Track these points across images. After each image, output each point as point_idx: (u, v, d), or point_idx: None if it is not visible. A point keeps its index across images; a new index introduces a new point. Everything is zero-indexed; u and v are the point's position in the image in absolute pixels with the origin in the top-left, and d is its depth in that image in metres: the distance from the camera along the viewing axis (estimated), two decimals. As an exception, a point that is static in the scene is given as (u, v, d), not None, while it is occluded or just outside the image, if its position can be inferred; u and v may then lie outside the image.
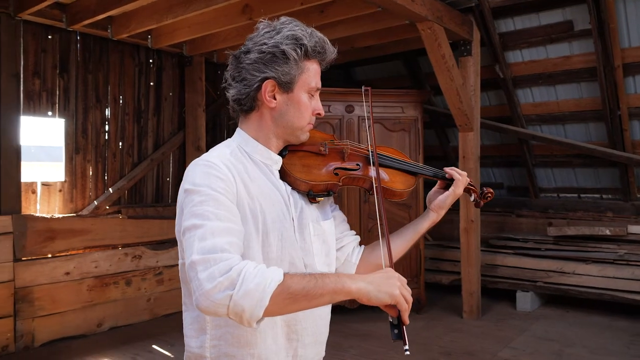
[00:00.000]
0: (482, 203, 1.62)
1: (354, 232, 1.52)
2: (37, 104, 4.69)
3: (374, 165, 1.38)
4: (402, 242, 1.49)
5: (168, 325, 4.72)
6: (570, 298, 5.15)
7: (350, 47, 5.27)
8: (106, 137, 5.23)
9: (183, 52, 5.51)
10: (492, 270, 5.52)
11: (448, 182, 1.51)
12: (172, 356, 4.00)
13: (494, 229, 6.22)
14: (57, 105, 4.84)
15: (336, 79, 6.68)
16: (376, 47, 5.45)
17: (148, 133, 5.59)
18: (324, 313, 1.36)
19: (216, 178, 1.16)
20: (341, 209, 1.51)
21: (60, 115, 4.87)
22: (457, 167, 5.16)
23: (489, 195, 1.61)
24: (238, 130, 1.35)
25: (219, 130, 6.36)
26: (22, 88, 4.53)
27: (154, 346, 4.20)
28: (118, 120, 5.32)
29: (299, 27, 1.29)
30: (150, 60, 5.59)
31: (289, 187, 1.32)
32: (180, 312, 1.31)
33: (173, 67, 5.80)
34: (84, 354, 4.03)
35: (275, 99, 1.28)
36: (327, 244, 1.37)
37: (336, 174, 1.37)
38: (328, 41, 1.34)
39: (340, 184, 1.37)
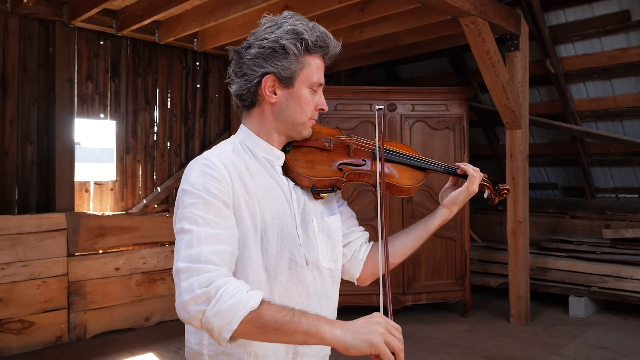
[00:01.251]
0: (497, 200, 1.55)
1: (362, 228, 1.49)
2: (91, 107, 4.91)
3: (379, 161, 1.35)
4: (411, 239, 1.44)
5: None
6: (629, 305, 4.86)
7: (394, 45, 5.21)
8: (155, 138, 5.41)
9: (227, 53, 5.61)
10: (543, 274, 5.29)
11: (460, 179, 1.46)
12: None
13: (547, 231, 5.96)
14: (109, 108, 5.05)
15: (380, 78, 6.61)
16: (421, 45, 5.35)
17: (195, 134, 5.74)
18: (329, 310, 1.33)
19: (212, 178, 1.16)
20: (385, 206, 1.47)
21: (112, 118, 5.08)
22: (505, 166, 4.91)
23: (505, 192, 1.54)
24: (241, 126, 1.35)
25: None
26: (76, 92, 4.76)
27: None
28: (166, 121, 5.49)
29: (301, 21, 1.27)
30: (197, 63, 5.74)
31: (292, 183, 1.31)
32: None
33: (219, 69, 5.93)
34: (132, 347, 4.18)
35: (276, 94, 1.27)
36: (333, 240, 1.34)
37: (341, 170, 1.34)
38: (331, 35, 1.31)
39: (345, 180, 1.34)
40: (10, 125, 4.39)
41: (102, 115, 5.02)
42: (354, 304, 4.90)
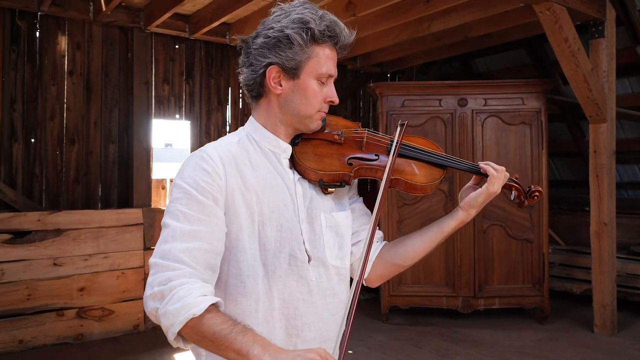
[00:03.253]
0: (526, 203, 1.41)
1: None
2: (166, 107, 5.16)
3: (393, 155, 1.27)
4: (423, 241, 1.34)
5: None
6: None
7: (465, 37, 4.99)
8: (227, 137, 5.58)
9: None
10: (633, 280, 4.83)
11: (484, 178, 1.33)
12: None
13: (638, 234, 5.44)
14: (183, 108, 5.28)
15: (454, 72, 6.38)
16: (494, 35, 5.09)
17: (265, 133, 5.84)
18: (336, 308, 1.27)
19: (203, 171, 1.14)
20: (449, 207, 1.38)
21: (186, 118, 5.30)
22: (588, 163, 4.53)
23: (537, 194, 1.40)
24: (250, 117, 1.32)
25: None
26: (153, 94, 5.02)
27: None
28: (238, 121, 5.64)
29: (309, 9, 1.21)
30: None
31: (297, 176, 1.27)
32: None
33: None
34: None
35: (281, 85, 1.23)
36: (341, 237, 1.29)
37: (350, 164, 1.28)
38: (341, 24, 1.24)
39: (352, 174, 1.27)
40: (94, 127, 4.72)
41: (177, 116, 5.25)
42: (420, 305, 4.77)
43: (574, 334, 4.38)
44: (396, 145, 1.28)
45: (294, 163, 1.28)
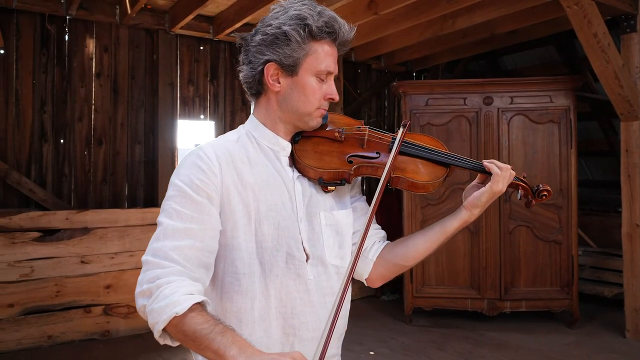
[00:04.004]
0: (533, 203, 1.35)
1: (377, 226, 1.39)
2: (191, 108, 5.22)
3: (394, 152, 1.24)
4: (425, 241, 1.30)
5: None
6: None
7: (491, 34, 4.89)
8: (251, 137, 5.61)
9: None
10: (668, 284, 4.64)
11: (488, 177, 1.28)
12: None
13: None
14: (208, 109, 5.34)
15: (480, 70, 6.26)
16: (522, 32, 4.98)
17: (289, 133, 5.85)
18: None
19: (198, 169, 1.15)
20: None
21: (211, 118, 5.36)
22: (619, 162, 4.34)
23: (545, 193, 1.34)
24: (250, 115, 1.32)
25: (358, 129, 6.39)
26: (178, 95, 5.09)
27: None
28: (261, 121, 5.67)
29: (307, 5, 1.20)
30: (292, 63, 5.84)
31: (296, 174, 1.25)
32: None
33: (313, 69, 5.99)
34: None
35: (279, 82, 1.22)
36: (341, 236, 1.27)
37: (350, 162, 1.26)
38: (340, 20, 1.22)
39: (352, 172, 1.25)
40: (121, 128, 4.81)
41: (202, 116, 5.32)
42: (444, 307, 4.70)
43: (604, 338, 4.24)
44: (397, 143, 1.26)
45: (294, 161, 1.27)
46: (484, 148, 4.57)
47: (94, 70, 4.68)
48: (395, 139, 1.28)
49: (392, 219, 5.47)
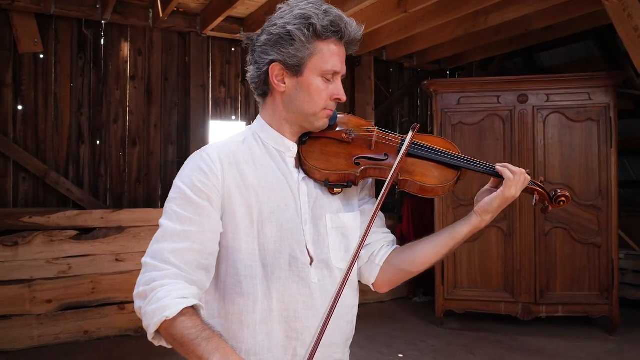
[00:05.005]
0: (550, 208, 1.29)
1: (387, 230, 1.35)
2: (223, 109, 5.28)
3: (401, 154, 1.21)
4: (434, 247, 1.26)
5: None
6: None
7: (525, 30, 4.75)
8: (281, 138, 5.63)
9: (351, 52, 5.61)
10: None
11: (502, 180, 1.23)
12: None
13: None
14: (239, 110, 5.39)
15: (516, 67, 6.10)
16: (558, 27, 4.81)
17: (320, 133, 5.84)
18: (340, 312, 1.22)
19: (200, 171, 1.15)
20: (514, 210, 1.29)
21: (242, 119, 5.41)
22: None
23: (563, 199, 1.27)
24: (258, 116, 1.31)
25: (391, 129, 6.32)
26: (210, 96, 5.16)
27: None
28: (292, 121, 5.68)
29: (312, 4, 1.18)
30: (323, 63, 5.83)
31: (302, 175, 1.23)
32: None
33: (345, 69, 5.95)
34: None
35: (284, 83, 1.20)
36: (347, 239, 1.24)
37: (357, 164, 1.23)
38: (347, 19, 1.20)
39: (359, 174, 1.22)
40: (154, 129, 4.92)
41: (233, 117, 5.37)
42: (477, 310, 4.59)
43: (647, 346, 4.06)
44: (405, 145, 1.22)
45: (300, 162, 1.25)
46: (518, 148, 4.44)
47: (128, 73, 4.80)
48: (404, 141, 1.25)
49: (425, 219, 5.39)
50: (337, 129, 1.27)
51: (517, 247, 4.45)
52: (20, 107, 4.37)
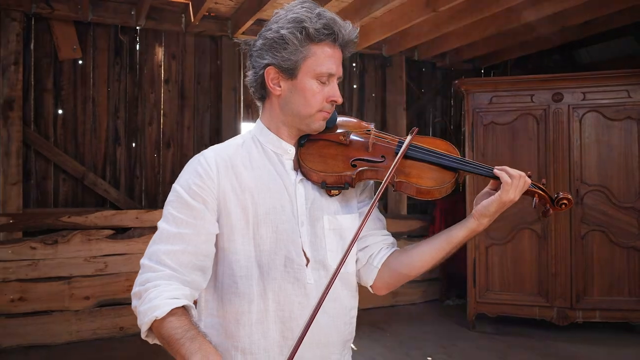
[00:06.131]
0: (551, 212, 1.26)
1: (386, 232, 1.34)
2: (254, 111, 5.35)
3: (397, 156, 1.21)
4: (430, 251, 1.26)
5: (362, 318, 4.82)
6: None
7: (562, 27, 4.61)
8: (312, 139, 5.65)
9: (382, 52, 5.60)
10: None
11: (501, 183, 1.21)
12: (355, 348, 4.10)
13: None
14: (270, 111, 5.44)
15: (552, 65, 5.91)
16: (597, 22, 4.65)
17: (351, 134, 5.83)
18: (337, 312, 1.23)
19: (196, 175, 1.18)
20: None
21: (273, 121, 5.46)
22: None
23: (565, 202, 1.24)
24: (257, 119, 1.33)
25: (423, 130, 6.26)
26: (241, 99, 5.24)
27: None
28: (323, 122, 5.70)
29: (306, 8, 1.20)
30: (354, 64, 5.84)
31: (299, 177, 1.25)
32: (376, 308, 1.34)
33: (375, 69, 5.94)
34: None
35: (280, 86, 1.22)
36: (345, 241, 1.24)
37: (354, 166, 1.24)
38: (340, 21, 1.21)
39: (355, 176, 1.23)
40: (187, 131, 5.03)
41: (264, 119, 5.43)
42: (510, 314, 4.49)
43: (692, 355, 3.87)
44: (403, 147, 1.22)
45: (299, 164, 1.27)
46: (553, 147, 4.32)
47: (162, 77, 4.93)
48: (402, 143, 1.25)
49: (457, 219, 5.29)
50: (337, 131, 1.29)
51: (552, 250, 4.32)
52: (60, 111, 4.56)
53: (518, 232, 4.41)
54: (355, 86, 5.86)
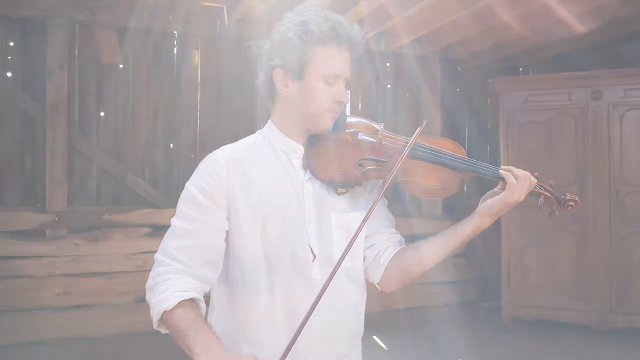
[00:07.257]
0: (556, 213, 1.26)
1: (394, 230, 1.36)
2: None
3: (411, 156, 1.24)
4: (437, 247, 1.28)
5: (396, 319, 4.77)
6: None
7: (602, 22, 4.47)
8: (346, 139, 5.68)
9: (416, 51, 5.56)
10: None
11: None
12: (386, 349, 4.10)
13: None
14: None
15: (593, 61, 5.72)
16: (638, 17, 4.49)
17: (385, 134, 5.82)
18: (344, 308, 1.26)
19: (207, 174, 1.24)
20: (586, 213, 1.30)
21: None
22: None
23: (572, 204, 1.25)
24: (269, 120, 1.37)
25: (458, 128, 6.18)
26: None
27: (374, 337, 4.36)
28: (356, 123, 5.71)
29: (313, 11, 1.24)
30: (387, 64, 5.82)
31: (308, 175, 1.29)
32: (409, 309, 1.39)
33: (409, 69, 5.90)
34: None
35: (287, 87, 1.26)
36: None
37: (360, 165, 1.27)
38: (346, 23, 1.25)
39: (361, 175, 1.27)
40: (223, 133, 5.12)
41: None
42: (546, 317, 4.40)
43: None
44: (407, 147, 1.24)
45: (306, 163, 1.31)
46: (592, 147, 4.21)
47: (199, 79, 5.06)
48: (407, 141, 1.27)
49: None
50: (346, 131, 1.32)
51: (591, 252, 4.20)
52: (102, 114, 4.75)
53: (554, 233, 4.31)
54: (389, 86, 5.85)
